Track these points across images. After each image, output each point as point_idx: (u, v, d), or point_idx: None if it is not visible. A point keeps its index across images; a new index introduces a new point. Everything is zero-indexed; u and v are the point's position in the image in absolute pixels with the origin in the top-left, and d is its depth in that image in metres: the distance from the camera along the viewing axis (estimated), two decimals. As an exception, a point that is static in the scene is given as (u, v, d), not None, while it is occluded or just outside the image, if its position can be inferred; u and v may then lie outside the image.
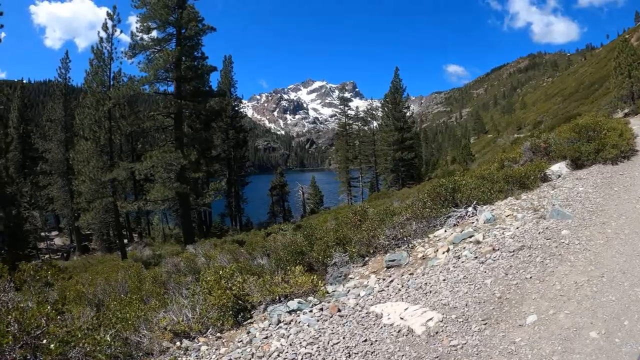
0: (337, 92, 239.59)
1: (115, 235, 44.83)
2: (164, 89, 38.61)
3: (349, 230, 12.70)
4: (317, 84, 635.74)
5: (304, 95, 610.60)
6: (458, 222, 10.97)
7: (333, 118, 75.60)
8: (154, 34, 37.14)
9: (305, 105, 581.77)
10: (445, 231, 10.50)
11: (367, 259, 10.72)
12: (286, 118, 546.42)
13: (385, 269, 9.18)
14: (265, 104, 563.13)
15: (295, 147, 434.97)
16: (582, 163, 14.97)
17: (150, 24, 36.44)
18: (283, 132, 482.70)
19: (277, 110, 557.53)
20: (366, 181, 77.02)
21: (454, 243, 9.11)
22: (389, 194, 54.69)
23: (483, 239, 8.75)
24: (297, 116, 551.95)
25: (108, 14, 37.44)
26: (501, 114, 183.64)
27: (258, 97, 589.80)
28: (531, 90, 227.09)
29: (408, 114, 69.24)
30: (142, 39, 36.80)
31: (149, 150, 39.51)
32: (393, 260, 9.16)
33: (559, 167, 15.07)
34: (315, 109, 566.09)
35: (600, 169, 14.28)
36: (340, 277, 9.98)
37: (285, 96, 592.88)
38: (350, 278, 9.53)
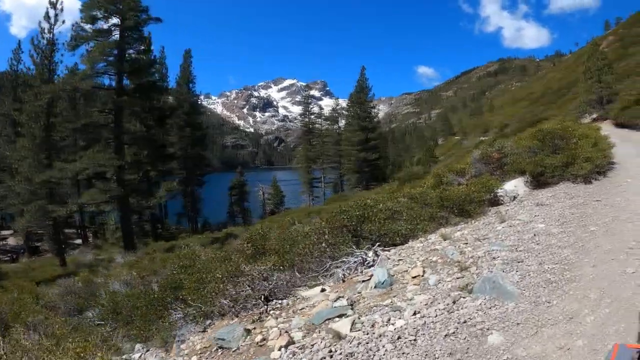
0: (308, 90, 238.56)
1: (55, 237, 41.30)
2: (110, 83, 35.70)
3: (242, 261, 9.54)
4: (287, 82, 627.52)
5: (274, 92, 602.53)
6: (351, 272, 7.76)
7: (302, 116, 74.18)
8: (99, 24, 34.14)
9: (275, 103, 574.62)
10: (323, 290, 7.29)
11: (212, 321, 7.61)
12: (255, 115, 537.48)
13: (216, 348, 6.22)
14: (235, 101, 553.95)
15: (264, 144, 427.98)
16: (545, 180, 11.81)
17: (94, 13, 33.30)
18: (252, 130, 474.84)
19: (247, 107, 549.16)
20: (329, 181, 74.93)
21: (312, 326, 5.88)
22: (347, 196, 52.51)
23: (350, 330, 5.29)
24: (266, 114, 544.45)
25: (50, 2, 34.63)
26: (469, 117, 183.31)
27: (228, 93, 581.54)
28: (500, 94, 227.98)
29: (379, 114, 67.55)
30: (83, 29, 33.72)
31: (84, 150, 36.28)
32: (223, 340, 6.11)
33: (514, 186, 11.82)
34: (285, 107, 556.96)
35: (568, 189, 11.18)
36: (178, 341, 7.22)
37: (255, 93, 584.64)
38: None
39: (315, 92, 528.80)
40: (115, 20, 33.95)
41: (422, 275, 6.69)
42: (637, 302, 4.78)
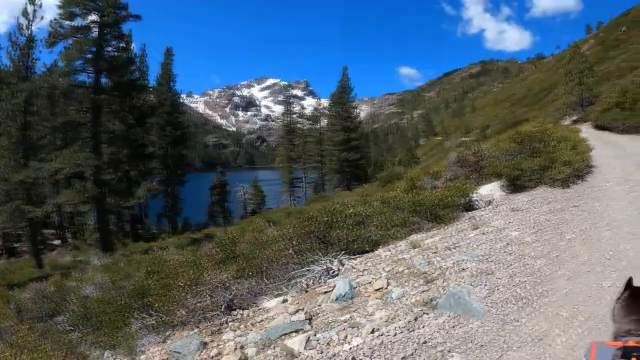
0: (290, 90, 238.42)
1: (32, 239, 40.42)
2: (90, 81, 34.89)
3: (211, 266, 9.10)
4: (270, 81, 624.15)
5: (256, 92, 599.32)
6: (314, 282, 7.29)
7: (284, 116, 73.91)
8: (78, 21, 33.43)
9: (257, 102, 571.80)
10: (285, 300, 6.82)
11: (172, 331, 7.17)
12: (238, 114, 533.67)
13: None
14: (218, 100, 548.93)
15: (246, 144, 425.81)
16: (522, 184, 11.45)
17: (72, 9, 32.53)
18: (234, 129, 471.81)
19: (229, 106, 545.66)
20: (310, 181, 74.19)
21: (267, 341, 5.41)
22: (327, 197, 52.18)
23: (305, 347, 4.87)
24: (249, 113, 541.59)
25: (28, -3, 33.54)
26: (451, 117, 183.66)
27: (210, 92, 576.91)
28: (482, 95, 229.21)
29: (362, 115, 67.36)
30: (61, 26, 32.96)
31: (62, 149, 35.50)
32: (179, 353, 5.69)
33: (490, 190, 11.50)
34: (267, 106, 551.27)
35: (546, 194, 10.82)
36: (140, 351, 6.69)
37: (238, 92, 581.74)
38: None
39: (297, 92, 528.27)
40: (94, 17, 33.16)
41: (386, 288, 6.25)
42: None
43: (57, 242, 45.47)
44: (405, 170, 54.12)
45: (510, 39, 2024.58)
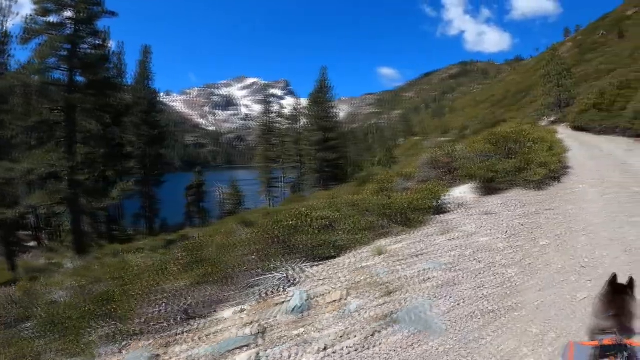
0: (269, 89, 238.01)
1: (5, 241, 39.53)
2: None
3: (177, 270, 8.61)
4: (250, 81, 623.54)
5: (236, 91, 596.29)
6: (273, 291, 6.68)
7: (262, 115, 73.68)
8: (52, 17, 32.65)
9: (237, 102, 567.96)
10: (242, 310, 6.29)
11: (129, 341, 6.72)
12: (217, 114, 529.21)
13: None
14: (197, 99, 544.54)
15: (225, 143, 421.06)
16: (496, 187, 11.00)
17: (46, 5, 31.73)
18: (213, 128, 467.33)
19: (208, 105, 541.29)
20: (289, 181, 73.29)
21: (215, 356, 5.01)
22: (305, 197, 51.82)
23: None
24: (228, 112, 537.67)
25: (3, -7, 32.82)
26: (431, 118, 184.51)
27: (189, 91, 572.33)
28: (461, 95, 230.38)
29: (341, 114, 67.23)
30: (35, 22, 32.19)
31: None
32: None
33: (462, 192, 10.91)
34: (247, 106, 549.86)
35: (520, 197, 10.44)
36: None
37: (217, 92, 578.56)
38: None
39: (277, 91, 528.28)
40: (69, 13, 32.43)
41: (343, 300, 5.79)
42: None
43: (32, 244, 44.40)
44: (384, 170, 54.09)
45: (489, 40, 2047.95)
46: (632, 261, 5.93)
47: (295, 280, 6.91)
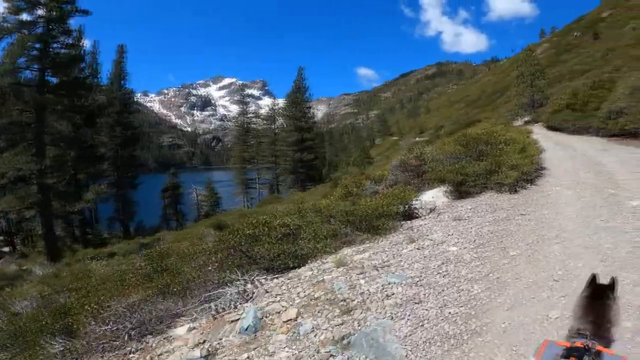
0: (246, 89, 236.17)
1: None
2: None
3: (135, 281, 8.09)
4: (227, 81, 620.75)
5: (213, 91, 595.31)
6: (227, 307, 6.29)
7: (239, 116, 73.16)
8: (24, 16, 31.87)
9: (214, 102, 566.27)
10: (192, 329, 5.92)
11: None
12: (194, 114, 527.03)
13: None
14: (173, 99, 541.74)
15: (202, 144, 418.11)
16: (467, 190, 10.63)
17: (18, 3, 30.99)
18: (190, 129, 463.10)
19: (185, 105, 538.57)
20: (265, 182, 72.86)
21: None
22: (281, 198, 51.80)
23: None
24: (205, 113, 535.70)
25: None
26: (407, 118, 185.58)
27: (166, 91, 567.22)
28: (437, 96, 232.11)
29: (318, 115, 66.93)
30: (6, 21, 31.36)
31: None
32: None
33: (433, 196, 10.59)
34: (224, 106, 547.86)
35: (492, 200, 10.07)
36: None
37: (194, 92, 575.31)
38: None
39: (254, 92, 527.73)
40: (40, 11, 31.70)
41: (296, 319, 5.33)
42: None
43: (6, 249, 43.46)
44: (360, 170, 53.95)
45: (466, 41, 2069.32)
46: (609, 272, 5.44)
47: (252, 294, 6.51)
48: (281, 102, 76.05)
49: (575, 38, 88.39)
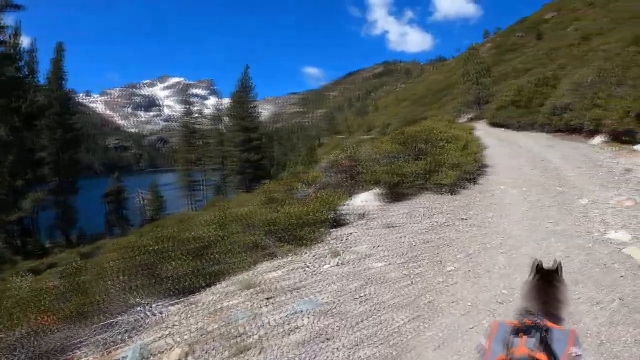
0: (191, 89, 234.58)
1: None
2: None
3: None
4: (173, 80, 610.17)
5: (158, 91, 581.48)
6: (121, 338, 5.11)
7: (184, 116, 71.72)
8: None
9: (159, 102, 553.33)
10: None
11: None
12: (139, 115, 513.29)
13: None
14: (118, 100, 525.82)
15: (148, 146, 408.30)
16: (403, 192, 9.67)
17: None
18: (136, 130, 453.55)
19: (130, 106, 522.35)
20: (211, 184, 71.50)
21: None
22: (228, 200, 50.69)
23: None
24: (150, 113, 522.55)
25: None
26: (355, 116, 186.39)
27: (110, 91, 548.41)
28: (384, 94, 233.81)
29: (266, 114, 66.38)
30: None
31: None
32: None
33: (365, 200, 9.49)
34: (170, 106, 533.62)
35: (430, 204, 9.15)
36: None
37: (139, 92, 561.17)
38: None
39: (201, 91, 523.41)
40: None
41: (190, 352, 4.23)
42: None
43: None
44: (306, 169, 53.21)
45: (412, 41, 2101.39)
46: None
47: (145, 324, 5.36)
48: (228, 101, 75.27)
49: (519, 38, 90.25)
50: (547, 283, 2.33)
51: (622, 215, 7.34)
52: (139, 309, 5.62)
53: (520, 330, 1.99)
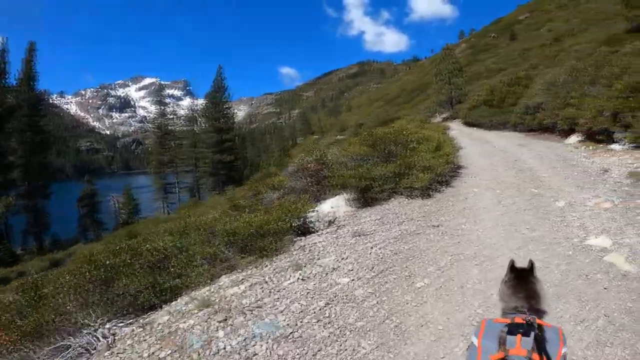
0: (165, 90, 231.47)
1: None
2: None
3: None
4: (147, 81, 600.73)
5: (132, 92, 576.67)
6: None
7: (158, 117, 70.74)
8: None
9: (133, 103, 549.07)
10: None
11: None
12: (113, 116, 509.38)
13: None
14: (91, 101, 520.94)
15: (121, 148, 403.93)
16: (373, 197, 9.31)
17: None
18: (109, 132, 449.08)
19: (103, 107, 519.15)
20: (185, 186, 70.70)
21: None
22: (201, 202, 50.59)
23: None
24: (124, 114, 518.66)
25: None
26: (328, 116, 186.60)
27: (83, 92, 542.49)
28: (358, 94, 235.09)
29: (240, 115, 65.86)
30: None
31: None
32: None
33: (334, 206, 9.18)
34: (144, 107, 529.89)
35: (401, 208, 8.79)
36: None
37: (113, 92, 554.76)
38: None
39: (176, 92, 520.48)
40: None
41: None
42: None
43: None
44: (279, 170, 52.94)
45: (388, 41, 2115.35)
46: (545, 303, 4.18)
47: (98, 347, 4.89)
48: (202, 102, 74.67)
49: (493, 39, 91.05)
50: (523, 280, 2.34)
51: (600, 218, 7.04)
52: (91, 329, 5.12)
53: (516, 329, 1.99)
